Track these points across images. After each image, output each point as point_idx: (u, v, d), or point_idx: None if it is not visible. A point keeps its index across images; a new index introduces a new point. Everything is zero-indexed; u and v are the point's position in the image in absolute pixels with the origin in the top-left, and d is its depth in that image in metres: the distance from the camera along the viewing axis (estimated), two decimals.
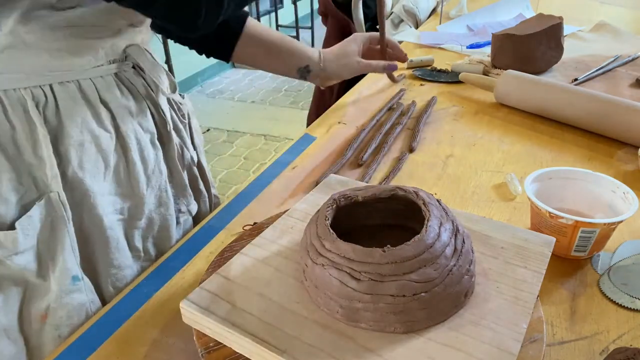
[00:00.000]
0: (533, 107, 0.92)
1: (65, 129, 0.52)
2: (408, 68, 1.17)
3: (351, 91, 1.07)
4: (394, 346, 0.37)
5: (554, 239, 0.47)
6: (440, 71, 1.15)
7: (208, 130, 3.14)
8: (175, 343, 0.47)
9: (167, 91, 0.61)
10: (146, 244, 0.63)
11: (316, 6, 1.95)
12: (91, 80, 0.54)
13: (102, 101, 0.55)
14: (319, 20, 2.02)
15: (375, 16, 1.62)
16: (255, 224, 0.62)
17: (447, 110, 0.97)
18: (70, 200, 0.53)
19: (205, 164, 0.76)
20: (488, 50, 1.19)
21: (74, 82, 0.53)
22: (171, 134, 0.64)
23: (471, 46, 1.30)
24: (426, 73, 1.13)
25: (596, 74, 1.09)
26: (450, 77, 1.11)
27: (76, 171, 0.54)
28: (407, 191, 0.45)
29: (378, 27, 0.95)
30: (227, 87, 3.90)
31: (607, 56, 1.17)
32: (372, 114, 0.93)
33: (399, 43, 1.41)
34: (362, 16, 1.39)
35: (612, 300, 0.51)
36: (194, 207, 0.70)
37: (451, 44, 1.33)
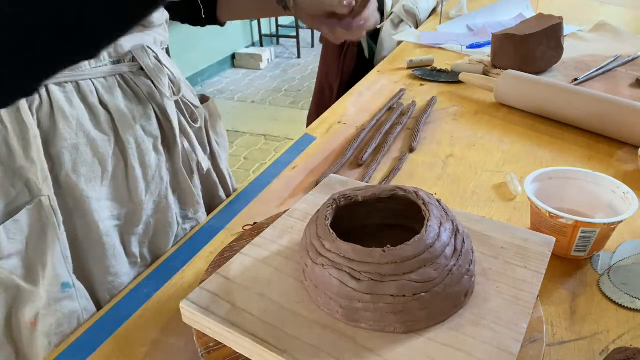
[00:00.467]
0: (533, 107, 0.92)
1: (59, 131, 0.51)
2: (408, 68, 1.17)
3: (351, 91, 1.07)
4: (394, 346, 0.37)
5: (554, 239, 0.47)
6: (440, 71, 1.15)
7: None
8: (175, 343, 0.47)
9: (169, 94, 0.59)
10: (143, 250, 0.61)
11: None
12: (91, 81, 0.53)
13: (102, 103, 0.54)
14: None
15: None
16: (255, 224, 0.62)
17: (447, 110, 0.97)
18: (63, 205, 0.52)
19: (227, 171, 0.74)
20: (488, 50, 1.19)
21: (72, 82, 0.52)
22: (177, 139, 0.61)
23: (471, 46, 1.30)
24: (426, 73, 1.13)
25: (596, 74, 1.09)
26: (450, 77, 1.11)
27: (70, 175, 0.52)
28: (407, 191, 0.45)
29: None
30: (227, 87, 3.91)
31: (607, 56, 1.17)
32: (372, 114, 0.93)
33: (399, 43, 1.42)
34: None
35: (612, 300, 0.51)
36: (202, 215, 0.68)
37: (451, 44, 1.33)
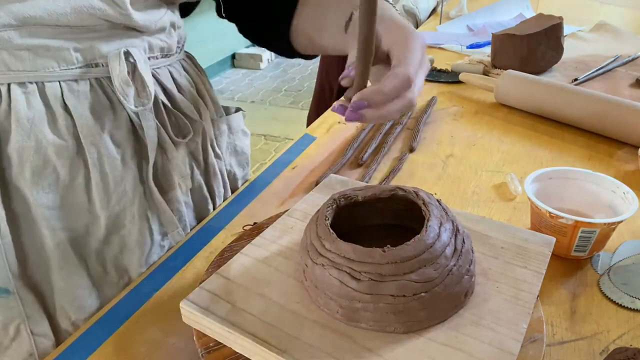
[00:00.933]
0: (533, 107, 0.92)
1: (12, 132, 0.48)
2: None
3: None
4: (394, 346, 0.37)
5: (554, 239, 0.47)
6: (440, 71, 1.15)
7: None
8: (175, 343, 0.47)
9: (132, 105, 0.53)
10: (107, 265, 0.57)
11: None
12: (59, 84, 0.49)
13: (65, 107, 0.50)
14: None
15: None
16: (255, 224, 0.62)
17: (447, 110, 0.97)
18: (8, 209, 0.49)
19: (222, 190, 0.70)
20: (488, 50, 1.19)
21: (36, 83, 0.48)
22: (149, 153, 0.56)
23: (471, 46, 1.30)
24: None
25: (596, 74, 1.09)
26: (450, 77, 1.11)
27: (17, 178, 0.49)
28: (407, 191, 0.45)
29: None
30: (227, 87, 3.90)
31: (607, 56, 1.17)
32: None
33: None
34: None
35: (612, 300, 0.51)
36: (177, 236, 0.62)
37: (451, 44, 1.33)
